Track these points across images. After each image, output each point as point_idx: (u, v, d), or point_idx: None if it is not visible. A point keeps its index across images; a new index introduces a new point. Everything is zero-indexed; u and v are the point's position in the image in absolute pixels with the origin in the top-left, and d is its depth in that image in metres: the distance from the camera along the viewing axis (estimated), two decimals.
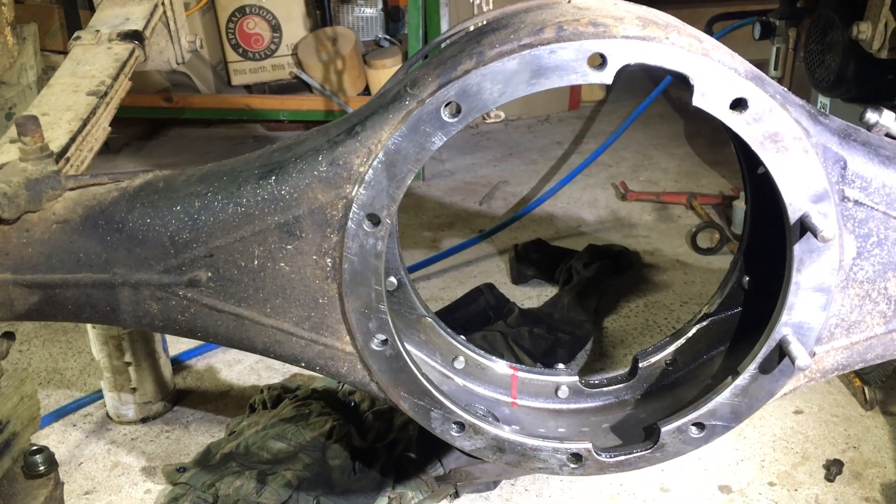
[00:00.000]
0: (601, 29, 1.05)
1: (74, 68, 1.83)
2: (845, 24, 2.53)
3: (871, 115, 1.21)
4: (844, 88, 2.68)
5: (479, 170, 4.47)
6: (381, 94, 1.19)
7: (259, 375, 2.66)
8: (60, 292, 1.24)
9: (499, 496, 2.10)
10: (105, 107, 1.72)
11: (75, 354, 2.78)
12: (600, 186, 4.16)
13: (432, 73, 1.09)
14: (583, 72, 1.05)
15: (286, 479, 1.98)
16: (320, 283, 1.19)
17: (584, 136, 4.95)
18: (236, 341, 1.25)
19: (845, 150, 1.12)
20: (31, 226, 1.22)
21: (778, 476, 2.13)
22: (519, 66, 1.05)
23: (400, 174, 1.11)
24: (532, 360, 2.55)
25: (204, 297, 1.21)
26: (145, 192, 1.22)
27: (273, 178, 1.16)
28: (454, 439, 1.28)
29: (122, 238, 1.20)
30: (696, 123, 4.89)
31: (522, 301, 3.02)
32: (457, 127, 1.08)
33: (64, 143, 1.53)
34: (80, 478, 2.22)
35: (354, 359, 1.24)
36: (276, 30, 4.86)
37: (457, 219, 3.85)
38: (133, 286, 1.22)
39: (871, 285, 1.19)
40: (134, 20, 2.05)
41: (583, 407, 1.46)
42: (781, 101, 1.07)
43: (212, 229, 1.18)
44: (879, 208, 1.15)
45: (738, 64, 1.08)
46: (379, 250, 1.14)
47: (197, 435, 2.38)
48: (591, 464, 1.29)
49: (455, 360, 1.47)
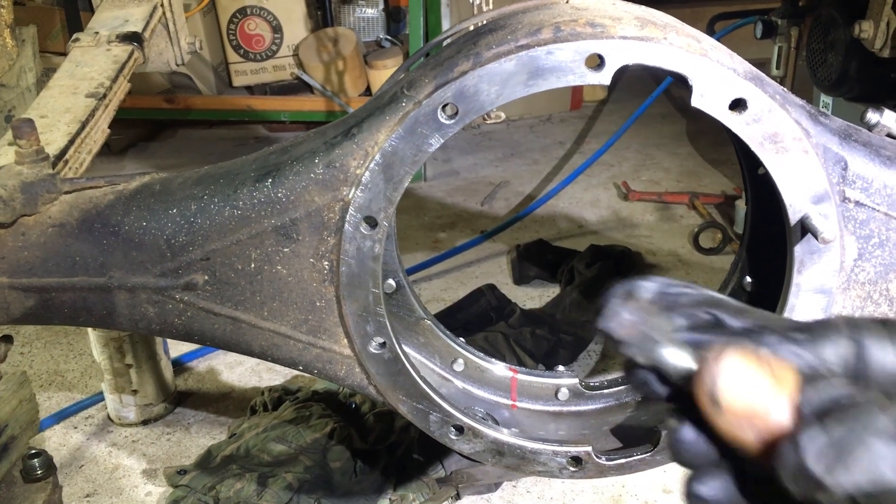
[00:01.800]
0: (599, 29, 1.04)
1: (73, 70, 1.82)
2: (847, 22, 2.52)
3: (872, 116, 1.20)
4: (847, 87, 2.66)
5: (480, 170, 4.46)
6: (378, 96, 1.18)
7: (260, 377, 2.65)
8: (56, 296, 1.23)
9: (500, 498, 2.09)
10: (104, 109, 1.71)
11: (76, 357, 2.78)
12: (602, 186, 4.15)
13: (429, 74, 1.08)
14: (580, 73, 1.04)
15: (287, 481, 1.98)
16: (317, 286, 1.18)
17: (586, 135, 4.94)
18: (233, 345, 1.24)
19: (846, 150, 1.11)
20: (26, 229, 1.21)
21: None
22: (516, 67, 1.04)
23: (397, 176, 1.10)
24: (534, 361, 2.54)
25: (200, 300, 1.21)
26: (141, 196, 1.21)
27: (269, 180, 1.15)
28: (453, 442, 1.27)
29: (119, 241, 1.20)
30: (697, 123, 4.88)
31: (524, 302, 3.01)
32: (454, 129, 1.07)
33: (62, 145, 1.53)
34: (81, 480, 2.22)
35: (352, 362, 1.23)
36: (277, 31, 4.85)
37: (458, 219, 3.85)
38: (129, 290, 1.21)
39: (873, 287, 1.18)
40: (133, 22, 2.04)
41: (583, 409, 1.45)
42: (781, 101, 1.06)
43: (208, 232, 1.17)
44: (881, 209, 1.14)
45: (737, 64, 1.07)
46: (376, 253, 1.14)
47: (198, 437, 2.38)
48: (591, 467, 1.28)
49: (454, 362, 1.46)
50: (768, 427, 0.45)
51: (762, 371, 0.46)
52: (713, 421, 0.47)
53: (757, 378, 0.46)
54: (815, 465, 0.42)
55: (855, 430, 0.42)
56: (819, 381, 0.45)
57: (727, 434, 0.47)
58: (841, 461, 0.42)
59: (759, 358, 0.46)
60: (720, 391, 0.46)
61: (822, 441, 0.42)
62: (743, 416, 0.46)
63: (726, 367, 0.46)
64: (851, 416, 0.43)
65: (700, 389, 0.47)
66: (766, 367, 0.46)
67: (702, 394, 0.47)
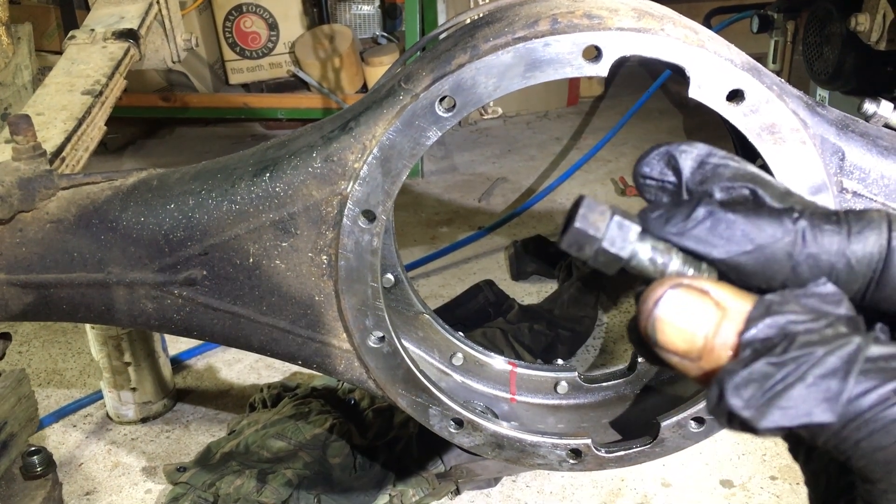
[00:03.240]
0: (596, 21, 1.04)
1: (69, 68, 1.82)
2: (843, 16, 2.52)
3: (869, 106, 1.20)
4: (843, 81, 2.67)
5: (478, 166, 4.46)
6: (375, 90, 1.18)
7: (259, 374, 2.65)
8: (55, 292, 1.23)
9: (500, 493, 2.10)
10: (100, 106, 1.71)
11: (75, 355, 2.77)
12: (600, 182, 4.15)
13: (426, 67, 1.08)
14: (578, 64, 1.04)
15: (286, 477, 1.98)
16: (316, 280, 1.18)
17: (583, 131, 4.94)
18: (232, 340, 1.24)
19: (843, 141, 1.11)
20: (24, 225, 1.21)
21: (779, 470, 2.13)
22: (513, 59, 1.04)
23: (395, 170, 1.10)
24: (532, 356, 2.54)
25: (199, 295, 1.21)
26: (139, 191, 1.21)
27: (267, 175, 1.15)
28: (452, 436, 1.27)
29: (117, 237, 1.19)
30: (695, 118, 4.88)
31: (522, 297, 3.01)
32: (451, 121, 1.07)
33: (59, 142, 1.53)
34: (80, 478, 2.22)
35: (351, 356, 1.23)
36: (273, 28, 4.85)
37: (456, 216, 3.85)
38: (128, 285, 1.21)
39: None
40: (129, 19, 2.04)
41: (582, 402, 1.45)
42: (778, 92, 1.06)
43: (206, 227, 1.17)
44: (878, 199, 1.14)
45: (734, 55, 1.07)
46: (375, 247, 1.14)
47: (197, 434, 2.38)
48: (590, 459, 1.28)
49: (453, 356, 1.46)
50: (702, 367, 0.45)
51: (703, 310, 0.44)
52: (655, 351, 0.46)
53: (695, 319, 0.44)
54: (734, 403, 0.41)
55: (783, 372, 0.41)
56: (775, 314, 0.43)
57: (669, 364, 0.46)
58: (763, 404, 0.41)
59: (700, 293, 0.45)
60: (657, 333, 0.45)
61: (742, 381, 0.41)
62: (681, 356, 0.45)
63: (663, 308, 0.44)
64: (789, 354, 0.41)
65: (639, 325, 0.46)
66: (709, 301, 0.44)
67: (640, 329, 0.46)
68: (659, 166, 0.53)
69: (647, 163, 0.53)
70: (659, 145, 0.53)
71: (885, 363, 0.40)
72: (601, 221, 0.48)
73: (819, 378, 0.40)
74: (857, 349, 0.40)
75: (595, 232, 0.48)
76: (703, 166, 0.52)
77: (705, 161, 0.52)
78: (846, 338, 0.41)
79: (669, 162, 0.52)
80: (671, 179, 0.52)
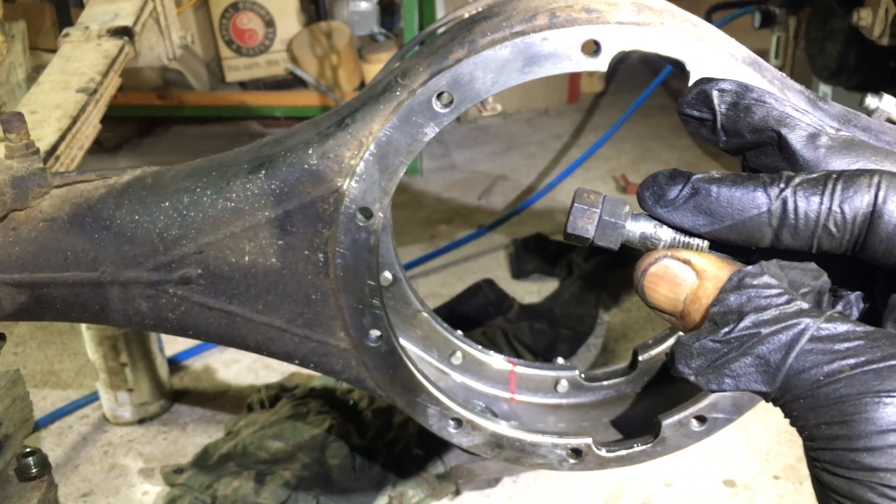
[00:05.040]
0: (594, 15, 1.02)
1: (63, 65, 1.80)
2: (846, 11, 2.50)
3: (872, 101, 1.19)
4: (846, 76, 2.66)
5: (477, 164, 4.45)
6: (372, 86, 1.16)
7: (257, 375, 2.64)
8: (49, 291, 1.21)
9: (500, 493, 2.08)
10: (95, 104, 1.70)
11: (71, 356, 2.76)
12: (601, 179, 4.13)
13: (423, 62, 1.06)
14: (577, 59, 1.02)
15: (285, 478, 1.96)
16: (313, 278, 1.16)
17: (584, 128, 4.92)
18: (228, 339, 1.22)
19: None
20: (17, 224, 1.19)
21: (783, 469, 2.11)
22: (511, 53, 1.02)
23: (392, 166, 1.08)
24: (533, 355, 2.53)
25: (194, 294, 1.19)
26: (133, 189, 1.19)
27: (263, 172, 1.13)
28: (451, 436, 1.25)
29: (111, 235, 1.18)
30: None
31: (523, 296, 2.99)
32: (449, 117, 1.06)
33: (53, 140, 1.51)
34: (77, 480, 2.20)
35: (349, 355, 1.21)
36: (269, 25, 4.83)
37: (455, 214, 3.83)
38: (122, 284, 1.19)
39: None
40: (123, 16, 2.02)
41: (582, 401, 1.44)
42: (780, 86, 1.05)
43: (201, 225, 1.16)
44: None
45: (734, 49, 1.05)
46: (372, 244, 1.12)
47: (194, 435, 2.36)
48: (591, 459, 1.26)
49: (452, 355, 1.44)
50: (686, 326, 0.52)
51: (683, 276, 0.51)
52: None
53: (676, 284, 0.52)
54: (683, 370, 0.51)
55: (728, 347, 0.48)
56: (745, 287, 0.49)
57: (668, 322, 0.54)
58: (709, 372, 0.49)
59: (683, 262, 0.52)
60: (646, 295, 0.53)
61: (694, 352, 0.49)
62: (669, 314, 0.53)
63: (651, 274, 0.53)
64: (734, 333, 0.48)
65: (636, 288, 0.54)
66: (690, 269, 0.51)
67: (637, 291, 0.54)
68: (697, 104, 0.57)
69: (686, 102, 0.58)
70: (699, 82, 0.58)
71: (828, 344, 0.45)
72: (597, 199, 0.59)
73: (758, 357, 0.47)
74: (800, 332, 0.46)
75: (593, 206, 0.58)
76: (735, 107, 0.56)
77: (738, 101, 0.56)
78: (796, 318, 0.47)
79: (706, 101, 0.57)
80: (708, 117, 0.57)
